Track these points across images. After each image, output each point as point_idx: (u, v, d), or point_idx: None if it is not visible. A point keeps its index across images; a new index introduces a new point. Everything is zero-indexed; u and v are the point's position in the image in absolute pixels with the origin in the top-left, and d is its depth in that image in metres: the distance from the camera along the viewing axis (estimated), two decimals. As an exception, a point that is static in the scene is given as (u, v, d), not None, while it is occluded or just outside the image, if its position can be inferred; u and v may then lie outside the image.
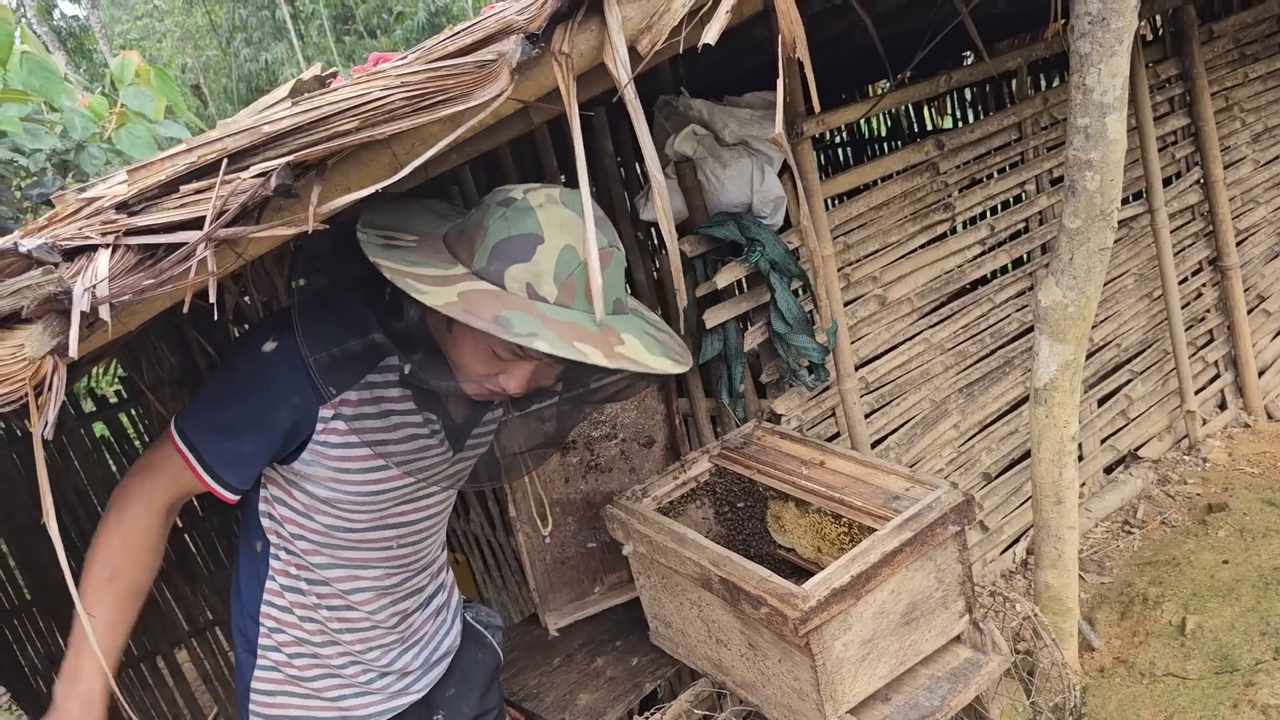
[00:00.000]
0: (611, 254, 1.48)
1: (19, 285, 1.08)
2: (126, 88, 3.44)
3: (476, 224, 1.47)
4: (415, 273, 1.39)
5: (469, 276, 1.42)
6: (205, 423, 1.57)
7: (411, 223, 1.57)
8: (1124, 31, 2.37)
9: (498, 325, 1.32)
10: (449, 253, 1.49)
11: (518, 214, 1.44)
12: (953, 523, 2.10)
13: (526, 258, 1.42)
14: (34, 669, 3.64)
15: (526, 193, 1.47)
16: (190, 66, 19.75)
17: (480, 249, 1.44)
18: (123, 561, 1.58)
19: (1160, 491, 4.17)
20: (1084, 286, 2.66)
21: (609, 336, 1.43)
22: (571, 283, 1.43)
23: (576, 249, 1.43)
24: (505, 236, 1.43)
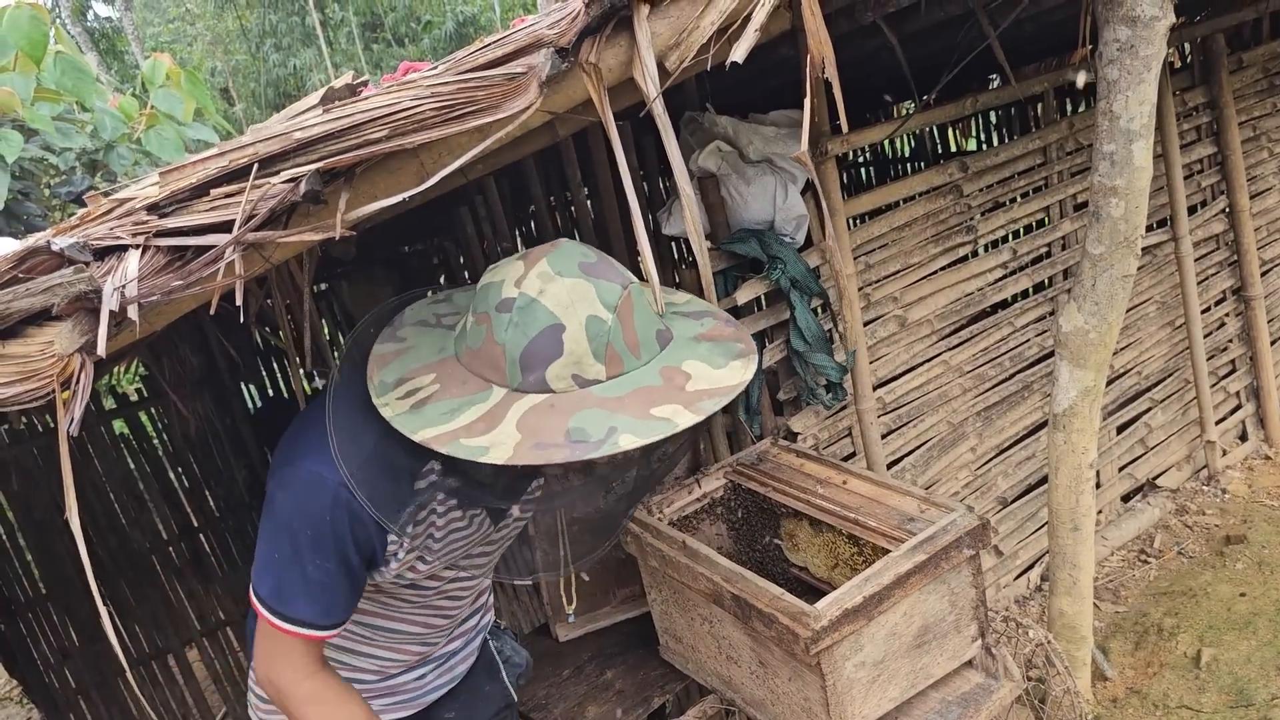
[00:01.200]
0: (630, 295, 1.36)
1: (50, 283, 1.10)
2: (157, 90, 3.47)
3: (487, 340, 1.35)
4: (461, 426, 1.29)
5: (512, 396, 1.32)
6: (297, 599, 1.50)
7: (416, 352, 1.46)
8: (1152, 59, 2.36)
9: (573, 445, 1.23)
10: (475, 376, 1.37)
11: (524, 314, 1.32)
12: (967, 546, 2.09)
13: (558, 353, 1.31)
14: (47, 663, 3.67)
15: (519, 284, 1.34)
16: (220, 70, 19.95)
17: (508, 367, 1.33)
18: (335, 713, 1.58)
19: (1178, 521, 4.14)
20: (1106, 313, 2.65)
21: (675, 378, 1.35)
22: (614, 350, 1.33)
23: (599, 314, 1.32)
24: (525, 345, 1.31)
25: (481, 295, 1.38)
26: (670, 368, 1.36)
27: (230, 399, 3.89)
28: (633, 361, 1.35)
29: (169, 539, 3.87)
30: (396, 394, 1.37)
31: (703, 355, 1.41)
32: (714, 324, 1.52)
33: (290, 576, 1.49)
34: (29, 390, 1.11)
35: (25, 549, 3.63)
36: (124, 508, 3.78)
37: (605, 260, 1.41)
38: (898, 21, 2.60)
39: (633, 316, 1.36)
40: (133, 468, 3.81)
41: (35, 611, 3.65)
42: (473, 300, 1.41)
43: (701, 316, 1.54)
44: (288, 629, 1.50)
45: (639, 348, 1.35)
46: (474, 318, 1.38)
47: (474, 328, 1.38)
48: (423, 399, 1.35)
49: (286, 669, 1.55)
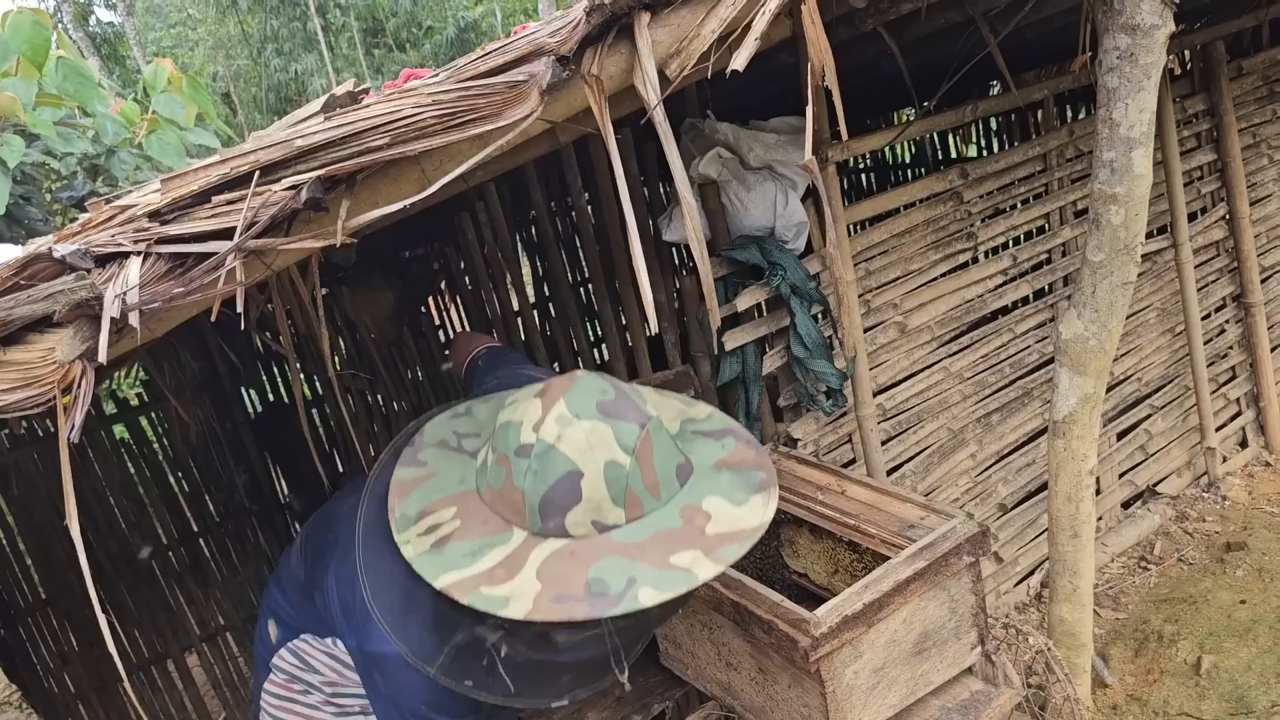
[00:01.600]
0: (648, 435, 1.34)
1: (52, 290, 1.10)
2: (158, 94, 3.48)
3: (507, 483, 1.34)
4: (482, 572, 1.28)
5: (532, 540, 1.31)
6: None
7: (438, 480, 1.45)
8: (1152, 67, 2.37)
9: (593, 600, 1.22)
10: (496, 516, 1.36)
11: (542, 460, 1.30)
12: (967, 553, 2.09)
13: (577, 499, 1.29)
14: (46, 668, 3.67)
15: (537, 429, 1.32)
16: (221, 75, 19.99)
17: (528, 513, 1.32)
18: None
19: (1178, 528, 4.14)
20: (1106, 320, 2.66)
21: (695, 519, 1.33)
22: (633, 494, 1.31)
23: (617, 459, 1.30)
24: (545, 492, 1.30)
25: (501, 434, 1.37)
26: (690, 507, 1.34)
27: (230, 404, 3.89)
28: (652, 503, 1.33)
29: (169, 544, 3.87)
30: (418, 529, 1.36)
31: (723, 490, 1.39)
32: (735, 445, 1.50)
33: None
34: (30, 397, 1.11)
35: (25, 553, 3.63)
36: (124, 512, 3.77)
37: (623, 395, 1.38)
38: (898, 29, 2.60)
39: (652, 456, 1.34)
40: (133, 472, 3.80)
41: (35, 616, 3.65)
42: (492, 435, 1.40)
43: (723, 436, 1.52)
44: None
45: (658, 488, 1.33)
46: (494, 455, 1.37)
47: (494, 467, 1.36)
48: (444, 536, 1.34)
49: None
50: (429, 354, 3.69)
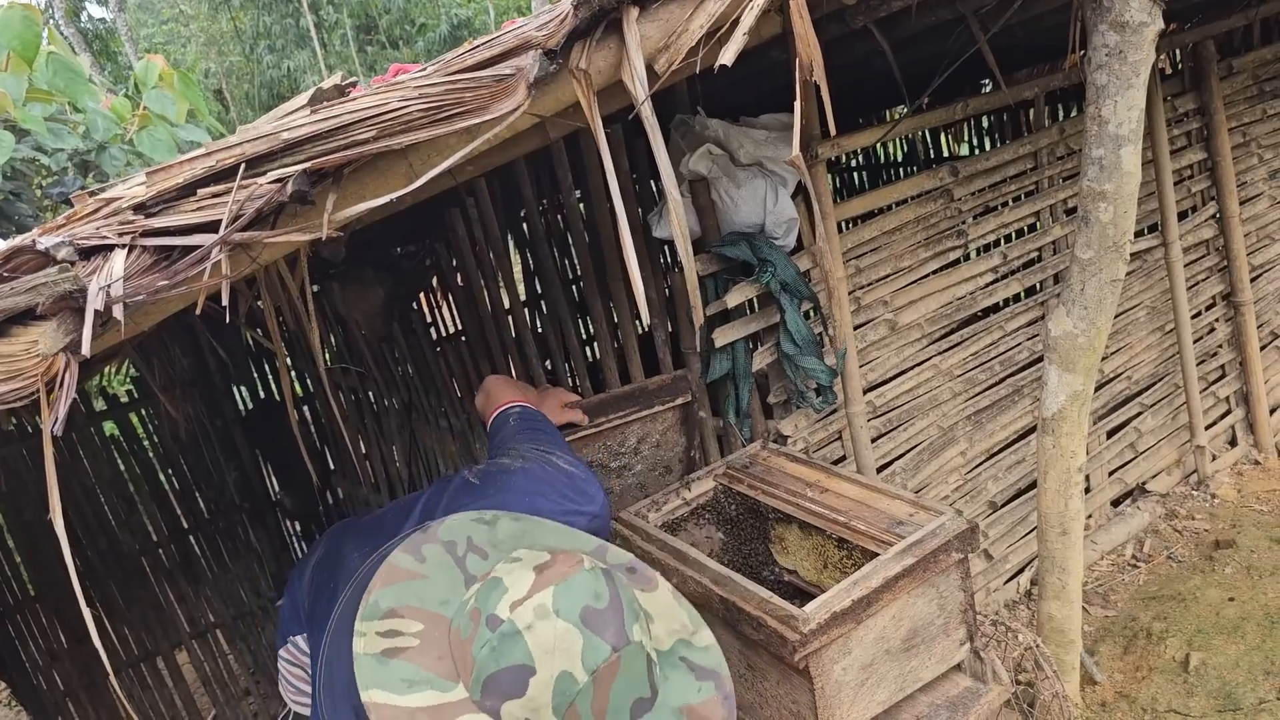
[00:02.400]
0: (618, 660, 1.28)
1: (35, 282, 1.09)
2: (150, 91, 3.48)
3: (468, 643, 1.30)
4: (406, 709, 1.25)
5: (468, 705, 1.27)
6: None
7: (426, 586, 1.42)
8: (1141, 65, 2.37)
9: None
10: (451, 660, 1.33)
11: (504, 641, 1.26)
12: (956, 550, 2.10)
13: (520, 692, 1.25)
14: (35, 665, 3.66)
15: (514, 607, 1.29)
16: (213, 71, 19.94)
17: (473, 681, 1.28)
18: None
19: (1167, 526, 4.15)
20: (1095, 317, 2.66)
21: None
22: (575, 710, 1.25)
23: (574, 672, 1.26)
24: (493, 672, 1.26)
25: (486, 590, 1.34)
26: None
27: (221, 400, 3.89)
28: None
29: (159, 541, 3.86)
30: (379, 627, 1.33)
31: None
32: (710, 696, 1.42)
33: None
34: (13, 390, 1.11)
35: (14, 550, 3.62)
36: (114, 509, 3.76)
37: (616, 607, 1.32)
38: (888, 26, 2.60)
39: (612, 683, 1.28)
40: (123, 469, 3.80)
41: (24, 613, 3.64)
42: (484, 584, 1.37)
43: (705, 678, 1.44)
44: None
45: (604, 715, 1.28)
46: (473, 604, 1.34)
47: (469, 618, 1.33)
48: (398, 649, 1.31)
49: None
50: (419, 350, 3.69)
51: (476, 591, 1.35)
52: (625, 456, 2.66)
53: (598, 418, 2.53)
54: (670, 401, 2.65)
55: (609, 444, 2.61)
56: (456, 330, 4.42)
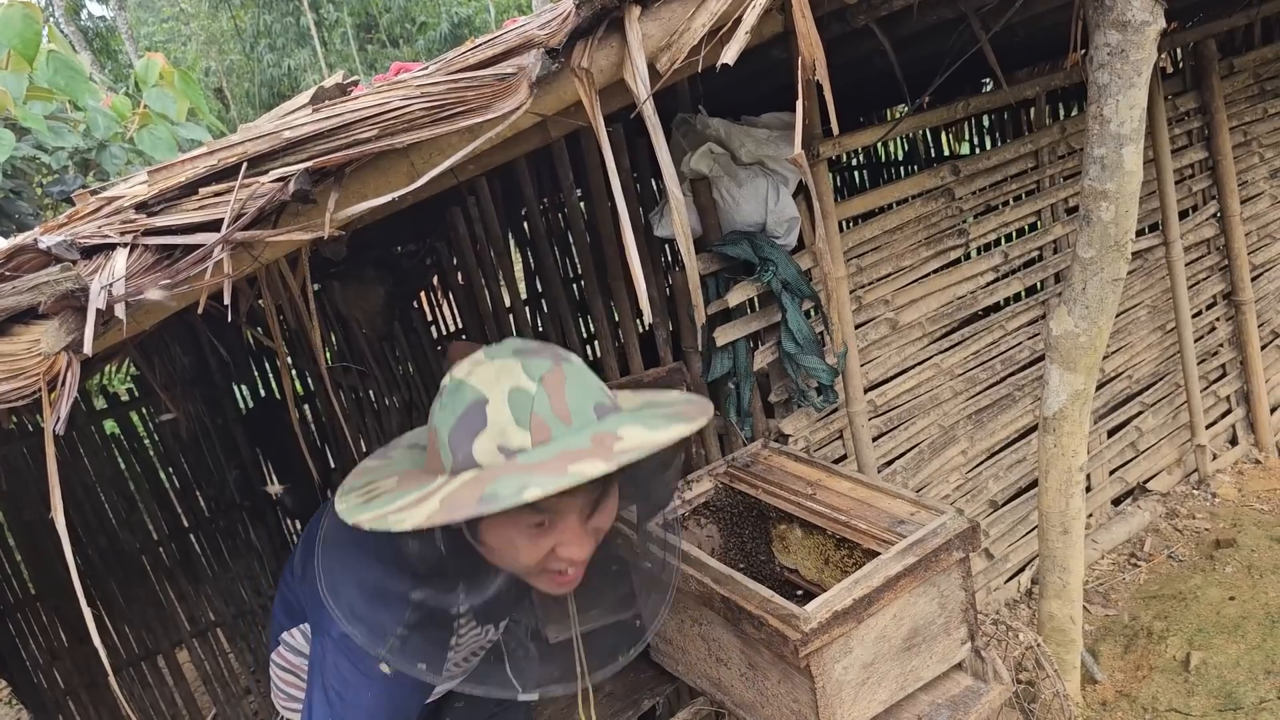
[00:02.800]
0: (560, 369, 1.33)
1: (37, 281, 1.09)
2: (150, 89, 3.47)
3: (429, 432, 1.37)
4: (392, 509, 1.26)
5: (446, 480, 1.29)
6: None
7: (392, 466, 1.47)
8: (1142, 64, 2.37)
9: (483, 504, 1.19)
10: (427, 474, 1.36)
11: (452, 395, 1.32)
12: (957, 549, 2.09)
13: (482, 425, 1.28)
14: (35, 663, 3.65)
15: (450, 374, 1.35)
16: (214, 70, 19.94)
17: (442, 450, 1.32)
18: None
19: (1168, 525, 4.15)
20: (1096, 316, 2.66)
21: (606, 440, 1.27)
22: (540, 419, 1.28)
23: (522, 385, 1.29)
24: (453, 422, 1.30)
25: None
26: (604, 434, 1.29)
27: (221, 399, 3.88)
28: (561, 429, 1.29)
29: (159, 539, 3.86)
30: (357, 494, 1.36)
31: (644, 420, 1.33)
32: (679, 405, 1.44)
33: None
34: (15, 389, 1.11)
35: (14, 549, 3.62)
36: (114, 508, 3.76)
37: (547, 347, 1.38)
38: (890, 25, 2.60)
39: (564, 388, 1.31)
40: (123, 468, 3.79)
41: (24, 612, 3.64)
42: None
43: (669, 404, 1.45)
44: None
45: (569, 417, 1.30)
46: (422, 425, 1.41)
47: (424, 431, 1.40)
48: (376, 494, 1.34)
49: None
50: (420, 349, 3.69)
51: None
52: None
53: None
54: None
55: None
56: (457, 329, 4.43)
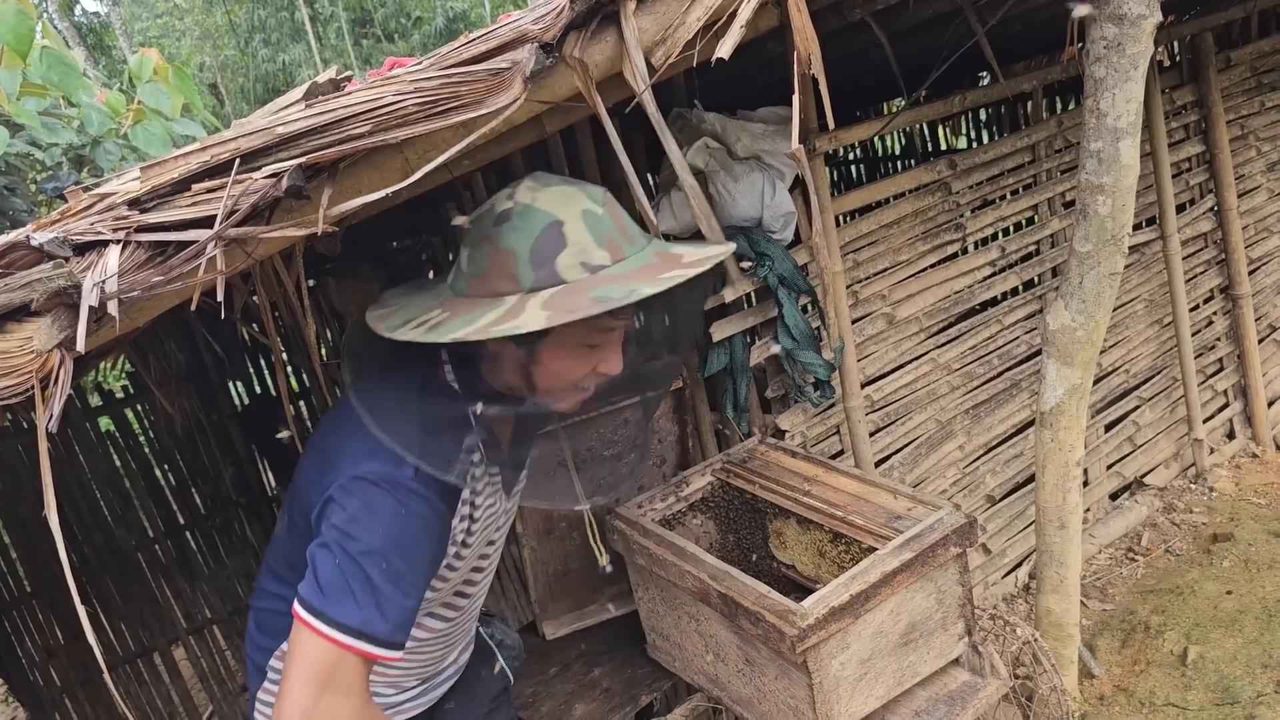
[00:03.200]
0: (610, 196, 1.48)
1: (29, 278, 1.09)
2: (144, 85, 3.45)
3: (493, 256, 1.41)
4: (487, 322, 1.34)
5: (530, 295, 1.37)
6: (369, 612, 1.42)
7: (410, 307, 1.50)
8: (1139, 57, 2.37)
9: (597, 305, 1.31)
10: (484, 298, 1.41)
11: (523, 217, 1.39)
12: (954, 544, 2.09)
13: (563, 245, 1.38)
14: (31, 661, 3.65)
15: (510, 198, 1.43)
16: (208, 65, 19.89)
17: (520, 268, 1.38)
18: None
19: (1165, 519, 4.15)
20: (1093, 311, 2.66)
21: (670, 256, 1.46)
22: (612, 238, 1.41)
23: (592, 208, 1.41)
24: (532, 243, 1.38)
25: (475, 229, 1.45)
26: (663, 251, 1.48)
27: (217, 396, 3.87)
28: (629, 247, 1.43)
29: (155, 536, 3.85)
30: (409, 326, 1.41)
31: (685, 244, 1.54)
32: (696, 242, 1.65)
33: (361, 587, 1.41)
34: (9, 386, 1.10)
35: (10, 546, 3.61)
36: (110, 505, 3.75)
37: (580, 182, 1.49)
38: (886, 19, 2.59)
39: (619, 211, 1.46)
40: (118, 465, 3.78)
41: (20, 610, 3.63)
42: (464, 245, 1.47)
43: (684, 242, 1.66)
44: (354, 646, 1.40)
45: (630, 236, 1.44)
46: (470, 250, 1.45)
47: (473, 256, 1.44)
48: (437, 323, 1.39)
49: (341, 697, 1.40)
50: (417, 346, 3.68)
51: (462, 249, 1.48)
52: (619, 445, 2.65)
53: None
54: None
55: (602, 431, 2.61)
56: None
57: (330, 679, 1.39)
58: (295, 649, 1.39)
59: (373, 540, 1.41)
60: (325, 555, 1.41)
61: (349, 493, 1.43)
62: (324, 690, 1.38)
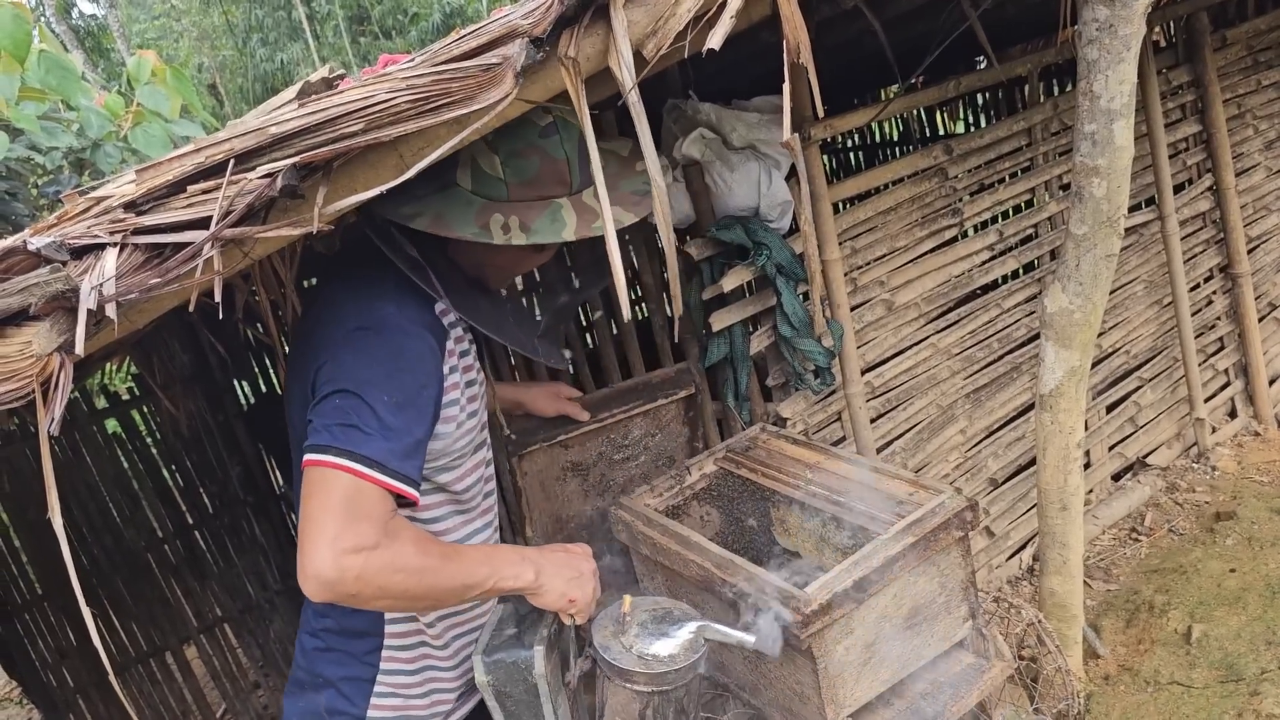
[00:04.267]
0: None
1: (27, 283, 1.10)
2: (143, 87, 3.46)
3: (546, 162, 1.66)
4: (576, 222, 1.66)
5: (573, 197, 1.69)
6: (388, 445, 1.46)
7: (454, 212, 1.65)
8: (1131, 38, 2.37)
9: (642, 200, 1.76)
10: (536, 200, 1.66)
11: (567, 129, 1.68)
12: (956, 528, 2.10)
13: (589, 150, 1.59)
14: (44, 663, 3.67)
15: (547, 112, 1.63)
16: (206, 66, 19.88)
17: (573, 173, 1.69)
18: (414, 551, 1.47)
19: (1168, 499, 4.16)
20: (1090, 293, 2.66)
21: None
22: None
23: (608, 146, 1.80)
24: (576, 151, 1.69)
25: (509, 136, 1.61)
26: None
27: (222, 396, 3.89)
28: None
29: (164, 536, 3.87)
30: (498, 234, 1.60)
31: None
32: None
33: (366, 420, 1.45)
34: (9, 391, 1.11)
35: (20, 550, 3.63)
36: (118, 506, 3.77)
37: None
38: (879, 5, 2.60)
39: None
40: (126, 466, 3.80)
41: (32, 612, 3.65)
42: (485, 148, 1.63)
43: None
44: (369, 474, 1.42)
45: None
46: (509, 158, 1.64)
47: (518, 163, 1.64)
48: (523, 225, 1.62)
49: (365, 524, 1.40)
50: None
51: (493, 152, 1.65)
52: (629, 449, 2.67)
53: (601, 412, 2.55)
54: (674, 394, 2.65)
55: (613, 437, 2.62)
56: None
57: (352, 508, 1.40)
58: (310, 491, 1.41)
59: (370, 374, 1.49)
60: (325, 404, 1.48)
61: (338, 349, 1.53)
62: (348, 519, 1.39)
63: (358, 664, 1.83)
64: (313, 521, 1.38)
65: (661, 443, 2.71)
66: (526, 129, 1.62)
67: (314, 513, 1.39)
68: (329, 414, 1.45)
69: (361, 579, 1.38)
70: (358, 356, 1.51)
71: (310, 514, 1.39)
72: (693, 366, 2.91)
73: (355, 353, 1.52)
